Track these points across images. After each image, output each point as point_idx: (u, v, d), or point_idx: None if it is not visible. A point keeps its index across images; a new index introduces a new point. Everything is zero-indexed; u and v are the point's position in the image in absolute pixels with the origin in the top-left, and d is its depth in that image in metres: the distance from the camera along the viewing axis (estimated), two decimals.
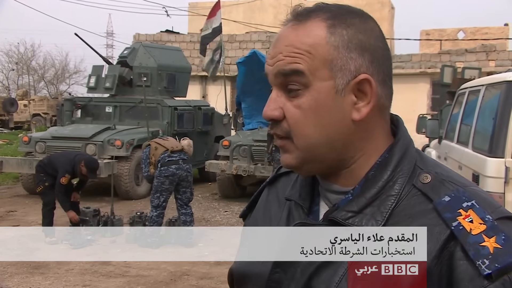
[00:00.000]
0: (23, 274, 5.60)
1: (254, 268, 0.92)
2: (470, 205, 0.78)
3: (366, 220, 0.82)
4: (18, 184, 11.06)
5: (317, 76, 0.82)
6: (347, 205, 0.84)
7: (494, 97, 4.37)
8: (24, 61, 41.29)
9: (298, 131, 0.84)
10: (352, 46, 0.83)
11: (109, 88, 11.22)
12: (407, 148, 0.87)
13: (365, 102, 0.84)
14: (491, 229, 0.75)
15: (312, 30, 0.83)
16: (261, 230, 0.98)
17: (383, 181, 0.84)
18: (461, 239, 0.75)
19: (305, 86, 0.83)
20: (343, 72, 0.83)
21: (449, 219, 0.77)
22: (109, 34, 58.02)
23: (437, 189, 0.81)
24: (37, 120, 26.21)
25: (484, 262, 0.73)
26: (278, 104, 0.85)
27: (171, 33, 21.78)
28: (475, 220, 0.76)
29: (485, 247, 0.74)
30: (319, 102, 0.83)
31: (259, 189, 1.08)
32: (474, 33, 25.18)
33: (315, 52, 0.82)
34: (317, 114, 0.83)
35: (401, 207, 0.82)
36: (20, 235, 7.21)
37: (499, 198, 3.82)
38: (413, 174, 0.84)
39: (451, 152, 5.51)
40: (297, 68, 0.82)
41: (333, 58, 0.83)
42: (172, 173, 6.58)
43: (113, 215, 7.33)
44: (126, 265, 5.96)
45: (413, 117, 12.92)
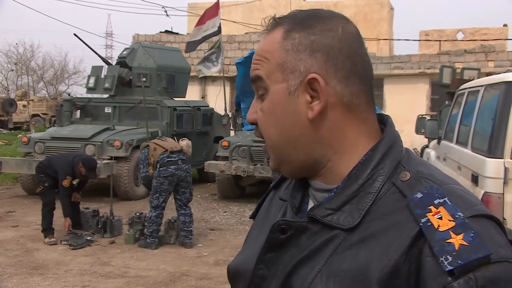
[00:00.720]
0: (22, 275, 5.60)
1: (244, 265, 0.95)
2: (442, 202, 0.77)
3: (343, 218, 0.83)
4: (17, 184, 11.05)
5: (273, 80, 0.88)
6: (327, 202, 0.86)
7: (493, 97, 4.37)
8: (23, 62, 41.28)
9: (264, 133, 0.90)
10: (302, 48, 0.86)
11: (108, 89, 11.22)
12: (392, 146, 0.87)
13: (318, 101, 0.86)
14: (460, 226, 0.74)
15: (272, 37, 0.90)
16: (259, 230, 1.00)
17: (363, 178, 0.85)
18: (428, 235, 0.75)
19: (266, 90, 0.89)
20: (294, 73, 0.86)
21: (419, 216, 0.77)
22: (108, 34, 58.06)
23: (412, 186, 0.81)
24: (36, 121, 26.20)
25: (447, 259, 0.72)
26: (254, 108, 0.92)
27: (171, 34, 21.79)
28: (444, 217, 0.76)
29: (450, 244, 0.73)
30: (275, 104, 0.88)
31: (266, 193, 1.11)
32: (473, 33, 25.21)
33: (271, 57, 0.88)
34: (274, 116, 0.88)
35: (378, 204, 0.82)
36: (19, 236, 7.21)
37: (498, 198, 3.82)
38: (395, 172, 0.84)
39: (450, 153, 5.51)
40: (257, 74, 0.89)
41: (284, 61, 0.87)
42: (171, 173, 6.58)
43: (112, 215, 7.33)
44: (125, 266, 5.96)
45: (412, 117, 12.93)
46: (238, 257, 1.01)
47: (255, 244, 0.96)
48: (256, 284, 0.90)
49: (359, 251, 0.80)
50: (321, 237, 0.84)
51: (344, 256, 0.81)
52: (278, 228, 0.88)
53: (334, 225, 0.83)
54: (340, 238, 0.82)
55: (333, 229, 0.84)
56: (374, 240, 0.80)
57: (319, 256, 0.83)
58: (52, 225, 6.97)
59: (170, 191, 6.68)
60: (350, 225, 0.82)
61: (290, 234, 0.87)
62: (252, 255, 0.94)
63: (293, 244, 0.87)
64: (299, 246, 0.86)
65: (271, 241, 0.88)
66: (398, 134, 0.91)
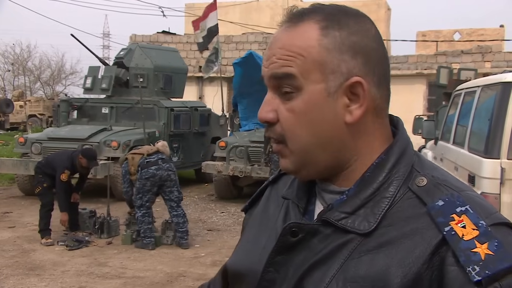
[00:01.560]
0: (19, 276, 5.58)
1: (248, 265, 0.92)
2: (464, 210, 0.77)
3: (358, 222, 0.82)
4: (14, 185, 11.02)
5: (309, 79, 0.82)
6: (341, 205, 0.84)
7: (490, 98, 4.38)
8: (20, 62, 41.20)
9: (291, 134, 0.84)
10: (345, 48, 0.82)
11: (106, 89, 11.20)
12: (405, 150, 0.87)
13: (358, 105, 0.83)
14: (484, 235, 0.74)
15: (304, 32, 0.83)
16: (258, 227, 0.98)
17: (378, 182, 0.83)
18: (453, 245, 0.75)
19: (297, 89, 0.83)
20: (335, 74, 0.82)
21: (442, 224, 0.77)
22: (105, 35, 58.00)
23: (431, 193, 0.80)
24: (33, 121, 26.16)
25: (475, 269, 0.72)
26: (272, 106, 0.85)
27: (168, 34, 21.76)
28: (468, 226, 0.75)
29: (476, 253, 0.73)
30: (311, 105, 0.82)
31: (262, 187, 1.08)
32: (470, 34, 25.27)
33: (307, 55, 0.82)
34: (309, 117, 0.83)
35: (395, 209, 0.81)
36: (16, 236, 7.19)
37: (494, 199, 3.83)
38: (410, 177, 0.84)
39: (447, 153, 5.52)
40: (289, 72, 0.82)
41: (325, 61, 0.82)
42: (152, 174, 6.59)
43: (109, 216, 7.32)
44: (122, 267, 5.95)
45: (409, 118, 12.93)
46: (236, 255, 0.99)
47: (256, 243, 0.94)
48: (265, 287, 0.88)
49: (376, 256, 0.79)
50: (335, 241, 0.82)
51: (360, 262, 0.79)
52: (289, 231, 0.86)
53: (349, 229, 0.82)
54: (355, 242, 0.81)
55: (347, 233, 0.82)
56: (392, 246, 0.78)
57: (333, 260, 0.81)
58: (49, 226, 6.95)
59: (153, 191, 6.69)
60: (366, 230, 0.81)
61: (301, 236, 0.85)
62: (253, 255, 0.92)
63: (304, 247, 0.85)
64: (310, 249, 0.84)
65: (282, 244, 0.86)
66: (409, 137, 0.90)
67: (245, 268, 0.93)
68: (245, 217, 1.09)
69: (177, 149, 11.00)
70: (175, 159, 10.57)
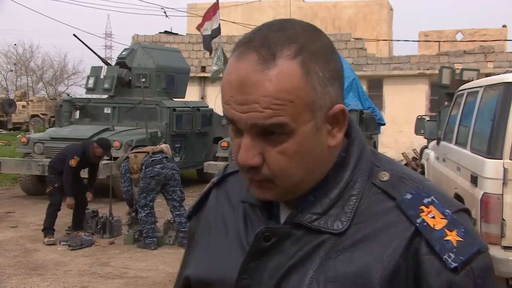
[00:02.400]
0: (22, 275, 5.59)
1: (216, 274, 0.90)
2: (430, 201, 0.81)
3: (331, 222, 0.83)
4: (16, 185, 11.05)
5: (300, 121, 0.79)
6: (311, 207, 0.84)
7: (492, 98, 4.37)
8: (23, 62, 41.25)
9: (283, 175, 0.81)
10: (326, 81, 0.81)
11: (108, 89, 11.21)
12: (363, 147, 0.88)
13: (338, 128, 0.84)
14: (452, 223, 0.79)
15: (287, 74, 0.77)
16: (215, 234, 0.95)
17: (344, 181, 0.85)
18: (426, 235, 0.78)
19: (289, 133, 0.79)
20: (321, 109, 0.81)
21: (413, 216, 0.80)
22: (108, 35, 58.09)
23: (397, 187, 0.83)
24: (36, 121, 26.19)
25: (450, 256, 0.77)
26: (256, 150, 0.80)
27: (170, 34, 21.79)
28: (437, 216, 0.80)
29: (448, 241, 0.78)
30: (303, 144, 0.80)
31: (206, 190, 1.04)
32: (472, 34, 25.23)
33: (297, 99, 0.78)
34: (302, 156, 0.81)
35: (364, 206, 0.83)
36: (18, 236, 7.20)
37: (497, 199, 3.82)
38: (371, 172, 0.86)
39: (450, 154, 5.51)
40: (280, 122, 0.78)
41: (314, 100, 0.79)
42: (157, 172, 6.59)
43: (111, 216, 7.33)
44: (124, 266, 5.96)
45: (411, 118, 12.94)
46: (199, 265, 0.95)
47: (219, 250, 0.92)
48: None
49: (354, 254, 0.80)
50: (309, 243, 0.83)
51: (338, 260, 0.80)
52: (262, 236, 0.85)
53: (323, 230, 0.82)
54: (330, 242, 0.82)
55: (321, 234, 0.83)
56: (368, 242, 0.80)
57: (310, 262, 0.82)
58: (53, 226, 6.98)
59: (157, 190, 6.69)
60: (340, 229, 0.82)
61: (274, 241, 0.85)
62: (219, 262, 0.90)
63: (277, 251, 0.84)
64: (283, 252, 0.84)
65: (255, 249, 0.85)
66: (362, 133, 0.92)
67: (214, 277, 0.90)
68: (191, 224, 1.05)
69: (179, 149, 11.00)
70: (177, 159, 10.58)
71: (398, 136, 17.41)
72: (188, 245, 1.05)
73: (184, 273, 0.98)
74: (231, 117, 0.81)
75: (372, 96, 15.88)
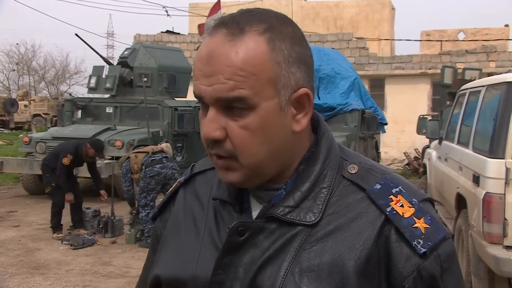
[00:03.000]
0: (24, 275, 5.60)
1: (189, 272, 0.90)
2: (399, 191, 0.85)
3: (303, 214, 0.84)
4: (18, 184, 11.07)
5: (263, 96, 0.80)
6: (283, 200, 0.86)
7: (494, 98, 4.36)
8: (25, 62, 41.32)
9: (245, 151, 0.82)
10: (292, 60, 0.82)
11: (110, 89, 11.22)
12: (332, 142, 0.91)
13: (303, 113, 0.85)
14: (419, 211, 0.83)
15: (252, 47, 0.80)
16: (184, 233, 0.95)
17: (315, 174, 0.87)
18: (396, 223, 0.82)
19: (250, 107, 0.80)
20: (286, 88, 0.82)
21: (383, 205, 0.83)
22: (110, 34, 58.09)
23: (366, 178, 0.87)
24: (38, 121, 26.24)
25: (419, 242, 0.80)
26: (219, 123, 0.81)
27: (172, 34, 21.78)
28: (405, 204, 0.84)
29: (417, 228, 0.81)
30: (266, 121, 0.81)
31: (172, 190, 1.04)
32: (474, 34, 25.19)
33: (260, 73, 0.79)
34: (264, 133, 0.82)
35: (335, 197, 0.86)
36: (20, 236, 7.22)
37: (499, 199, 3.82)
38: (340, 166, 0.89)
39: (452, 153, 5.51)
40: (242, 95, 0.79)
41: (277, 76, 0.81)
42: (157, 172, 6.61)
43: (113, 215, 7.34)
44: (126, 266, 5.96)
45: (413, 118, 12.91)
46: (169, 264, 0.94)
47: (189, 249, 0.92)
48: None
49: (327, 244, 0.83)
50: (282, 235, 0.84)
51: (312, 251, 0.82)
52: (236, 231, 0.85)
53: (296, 222, 0.84)
54: (303, 234, 0.84)
55: (294, 226, 0.84)
56: (341, 232, 0.83)
57: (284, 254, 0.83)
58: (60, 222, 7.04)
59: (157, 190, 6.71)
60: (313, 221, 0.84)
61: (247, 235, 0.85)
62: (190, 261, 0.90)
63: (250, 245, 0.85)
64: (257, 246, 0.85)
65: (230, 244, 0.86)
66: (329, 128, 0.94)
67: (186, 275, 0.90)
68: (157, 225, 1.05)
69: (181, 149, 11.01)
70: (179, 158, 10.58)
71: (400, 136, 17.38)
72: (152, 246, 1.05)
73: (153, 273, 0.97)
74: (198, 93, 0.83)
75: (374, 95, 15.85)
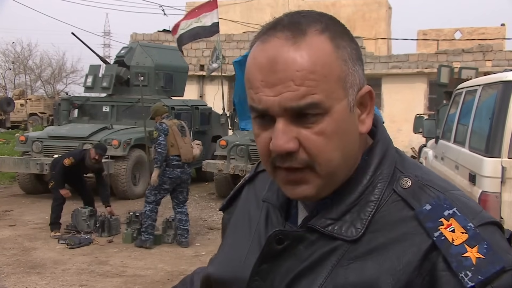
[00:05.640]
0: (20, 274, 5.59)
1: (232, 273, 0.89)
2: (452, 213, 0.76)
3: (345, 228, 0.80)
4: (14, 183, 11.03)
5: (335, 98, 0.77)
6: (326, 211, 0.82)
7: (490, 97, 4.37)
8: (21, 61, 41.19)
9: (323, 157, 0.77)
10: (354, 58, 0.80)
11: (106, 88, 11.20)
12: (387, 150, 0.85)
13: (366, 113, 0.82)
14: (473, 238, 0.74)
15: (319, 47, 0.76)
16: (240, 232, 0.95)
17: (362, 186, 0.81)
18: (444, 250, 0.74)
19: (325, 111, 0.76)
20: (353, 87, 0.79)
21: (431, 229, 0.76)
22: (106, 33, 57.97)
23: (417, 196, 0.79)
24: (34, 120, 26.15)
25: (467, 274, 0.72)
26: (291, 134, 0.77)
27: (168, 33, 21.70)
28: (457, 230, 0.75)
29: (468, 258, 0.73)
30: (340, 124, 0.77)
31: (239, 185, 1.04)
32: (471, 33, 25.25)
33: (330, 73, 0.76)
34: (339, 137, 0.78)
35: (381, 213, 0.80)
36: (16, 235, 7.20)
37: (495, 198, 3.83)
38: (393, 178, 0.82)
39: (448, 152, 5.52)
40: (315, 101, 0.75)
41: (346, 75, 0.78)
42: (176, 175, 6.61)
43: (110, 214, 7.33)
44: (123, 265, 5.96)
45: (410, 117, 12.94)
46: (220, 263, 0.95)
47: (239, 249, 0.91)
48: None
49: (365, 263, 0.77)
50: (321, 248, 0.80)
51: (349, 269, 0.78)
52: (274, 239, 0.83)
53: (336, 236, 0.80)
54: (343, 249, 0.79)
55: (334, 240, 0.80)
56: (381, 252, 0.77)
57: (320, 267, 0.79)
58: (59, 220, 7.06)
59: (169, 191, 6.71)
60: (354, 237, 0.79)
61: (286, 244, 0.83)
62: (237, 262, 0.89)
63: (290, 255, 0.83)
64: (296, 256, 0.82)
65: (267, 252, 0.84)
66: (388, 135, 0.89)
67: (229, 276, 0.90)
68: (224, 217, 1.05)
69: None
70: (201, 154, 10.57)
71: (397, 135, 17.41)
72: (222, 237, 1.06)
73: (206, 271, 0.98)
74: (263, 105, 0.77)
75: None
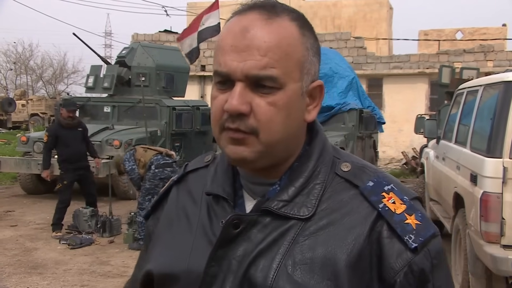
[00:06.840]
0: (21, 274, 5.59)
1: (181, 266, 0.91)
2: (390, 188, 0.88)
3: (297, 208, 0.87)
4: (16, 184, 11.05)
5: (291, 77, 0.85)
6: (277, 195, 0.88)
7: (492, 97, 4.37)
8: (22, 61, 41.23)
9: (269, 126, 0.84)
10: (314, 50, 0.88)
11: (107, 88, 11.20)
12: (325, 141, 0.94)
13: (314, 105, 0.90)
14: (410, 208, 0.86)
15: (288, 29, 0.85)
16: (177, 229, 0.97)
17: (309, 171, 0.90)
18: (388, 218, 0.84)
19: (280, 86, 0.84)
20: (308, 75, 0.87)
21: (375, 202, 0.86)
22: (108, 34, 58.01)
23: (359, 176, 0.89)
24: (35, 120, 26.18)
25: (410, 237, 0.83)
26: (245, 98, 0.84)
27: (170, 33, 21.76)
28: (397, 201, 0.86)
29: (408, 224, 0.84)
30: (291, 101, 0.85)
31: (165, 189, 1.07)
32: (472, 33, 25.22)
33: (292, 53, 0.84)
34: (288, 112, 0.85)
35: (328, 194, 0.89)
36: (18, 235, 7.20)
37: (497, 198, 3.82)
38: (333, 164, 0.92)
39: (449, 152, 5.51)
40: (273, 75, 0.83)
41: (305, 60, 0.86)
42: (167, 175, 6.51)
43: (111, 215, 7.33)
44: (124, 265, 5.96)
45: (411, 117, 12.93)
46: (161, 260, 0.95)
47: (182, 244, 0.93)
48: (208, 283, 0.87)
49: (320, 238, 0.84)
50: (276, 229, 0.86)
51: (306, 244, 0.84)
52: (231, 223, 0.87)
53: (290, 216, 0.86)
54: (297, 227, 0.86)
55: (288, 220, 0.86)
56: (333, 227, 0.85)
57: (277, 247, 0.85)
58: (61, 221, 7.06)
59: None
60: (306, 215, 0.86)
61: (242, 228, 0.87)
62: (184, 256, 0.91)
63: (244, 239, 0.87)
64: (250, 239, 0.87)
65: (224, 237, 0.87)
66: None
67: (179, 269, 0.91)
68: (149, 223, 1.07)
69: (178, 148, 10.99)
70: (177, 158, 10.56)
71: (398, 135, 17.40)
72: (145, 244, 1.06)
73: (145, 269, 0.98)
74: (227, 69, 0.84)
75: (371, 95, 15.87)
